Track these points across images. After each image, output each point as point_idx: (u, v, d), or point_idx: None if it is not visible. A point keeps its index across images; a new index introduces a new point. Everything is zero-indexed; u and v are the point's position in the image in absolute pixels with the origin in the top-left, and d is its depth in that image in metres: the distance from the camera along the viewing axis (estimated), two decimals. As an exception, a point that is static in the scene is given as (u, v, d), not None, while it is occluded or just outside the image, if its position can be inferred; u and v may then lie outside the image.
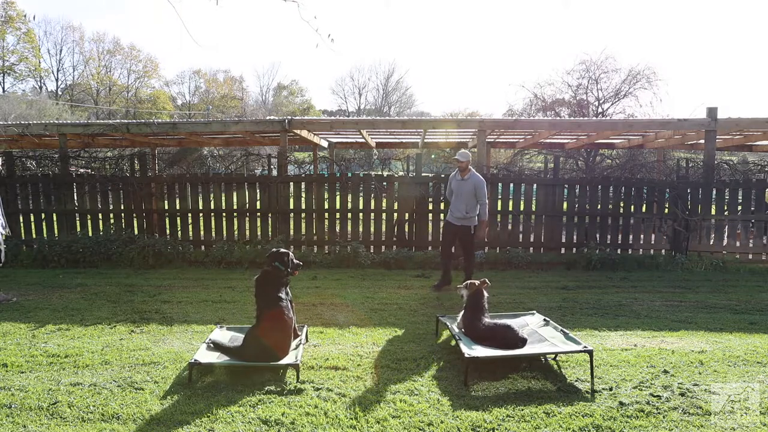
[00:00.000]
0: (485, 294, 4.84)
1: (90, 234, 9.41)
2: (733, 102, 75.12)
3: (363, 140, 14.81)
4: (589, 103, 20.23)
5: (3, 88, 44.73)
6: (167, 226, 9.59)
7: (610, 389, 3.92)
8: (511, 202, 9.49)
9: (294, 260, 4.67)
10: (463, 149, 8.47)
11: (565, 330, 4.60)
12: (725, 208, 9.41)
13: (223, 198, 9.59)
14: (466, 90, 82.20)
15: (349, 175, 10.09)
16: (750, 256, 9.27)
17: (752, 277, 8.43)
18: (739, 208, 9.34)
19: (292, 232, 9.61)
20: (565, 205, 9.77)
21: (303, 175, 10.32)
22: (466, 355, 4.06)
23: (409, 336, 5.20)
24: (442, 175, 9.41)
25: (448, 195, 7.58)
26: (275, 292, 4.42)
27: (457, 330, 4.73)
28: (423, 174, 9.94)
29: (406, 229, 9.65)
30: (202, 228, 9.73)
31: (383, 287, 7.44)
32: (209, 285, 7.57)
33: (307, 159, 14.33)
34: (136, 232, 9.46)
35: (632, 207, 9.47)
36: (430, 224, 9.68)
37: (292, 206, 9.78)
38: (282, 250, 4.67)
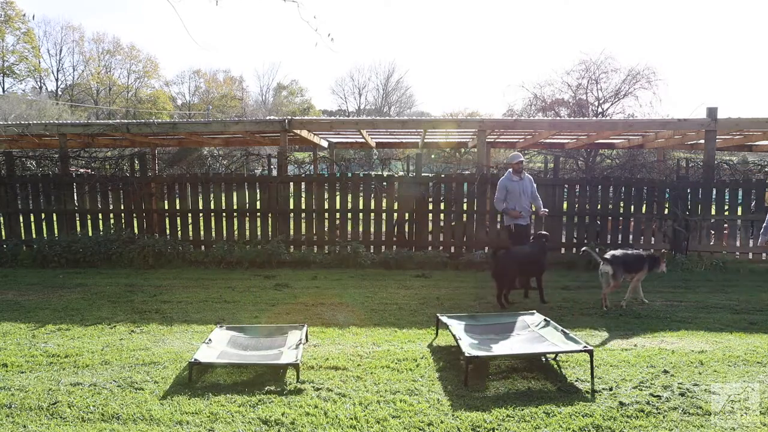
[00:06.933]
0: None
1: (90, 234, 9.40)
2: (733, 102, 75.13)
3: (363, 140, 14.81)
4: (588, 103, 20.26)
5: (3, 88, 44.76)
6: (167, 226, 9.59)
7: (610, 389, 3.92)
8: (511, 202, 9.47)
9: None
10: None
11: (565, 330, 4.60)
12: (725, 208, 9.41)
13: (223, 198, 9.58)
14: (466, 90, 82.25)
15: (349, 175, 10.09)
16: (750, 256, 9.27)
17: (752, 277, 8.42)
18: (739, 208, 9.34)
19: (292, 232, 9.61)
20: (565, 205, 9.77)
21: (303, 175, 10.31)
22: (466, 355, 4.07)
23: (409, 336, 5.20)
24: (443, 175, 9.40)
25: None
26: None
27: (456, 329, 4.74)
28: (423, 174, 9.93)
29: (406, 229, 9.64)
30: (202, 228, 9.72)
31: (383, 287, 7.44)
32: (209, 285, 7.57)
33: (307, 159, 14.32)
34: (136, 232, 9.45)
35: (632, 207, 9.47)
36: (430, 224, 9.68)
37: (292, 206, 9.78)
38: None
